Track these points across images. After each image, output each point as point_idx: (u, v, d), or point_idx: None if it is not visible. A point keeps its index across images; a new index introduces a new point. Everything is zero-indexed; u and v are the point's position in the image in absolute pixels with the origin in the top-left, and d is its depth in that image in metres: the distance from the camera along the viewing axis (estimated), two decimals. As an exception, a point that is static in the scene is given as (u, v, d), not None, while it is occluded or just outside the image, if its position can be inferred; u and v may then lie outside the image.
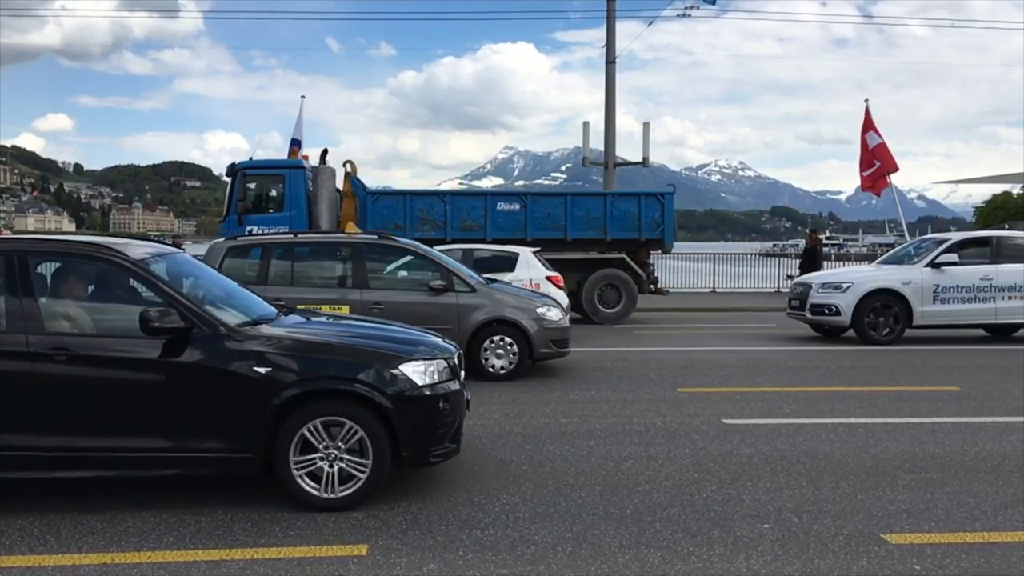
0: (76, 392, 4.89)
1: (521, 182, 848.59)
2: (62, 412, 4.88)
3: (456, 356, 5.67)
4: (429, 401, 5.16)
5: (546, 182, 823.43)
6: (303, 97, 22.73)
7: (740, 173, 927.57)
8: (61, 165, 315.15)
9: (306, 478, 4.98)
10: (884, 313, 13.19)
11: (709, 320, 18.05)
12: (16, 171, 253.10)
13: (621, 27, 33.19)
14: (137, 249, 5.38)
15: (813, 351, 12.59)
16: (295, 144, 22.33)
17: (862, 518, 4.92)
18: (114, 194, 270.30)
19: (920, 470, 5.94)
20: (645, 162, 23.27)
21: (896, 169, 22.03)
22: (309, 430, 4.96)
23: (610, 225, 17.06)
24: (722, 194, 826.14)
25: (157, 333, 4.87)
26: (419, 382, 5.14)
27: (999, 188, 39.90)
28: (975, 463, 6.13)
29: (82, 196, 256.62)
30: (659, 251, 18.03)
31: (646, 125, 24.21)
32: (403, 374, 5.11)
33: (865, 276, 13.88)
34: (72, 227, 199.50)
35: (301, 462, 4.97)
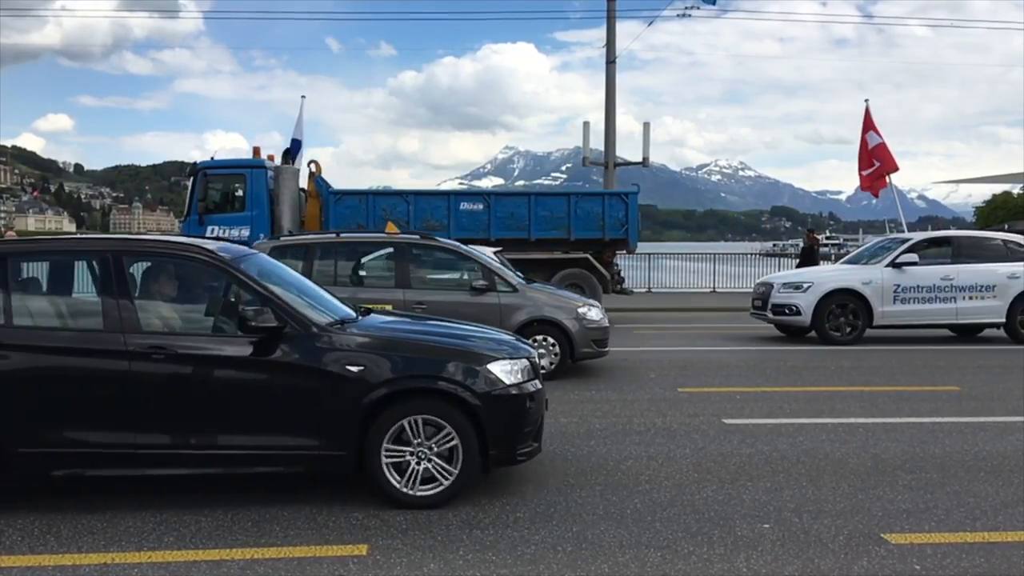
0: (173, 390, 4.96)
1: (521, 182, 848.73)
2: (160, 410, 4.95)
3: (536, 356, 5.73)
4: (516, 400, 5.22)
5: (546, 182, 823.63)
6: (303, 97, 22.68)
7: (740, 173, 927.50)
8: (61, 165, 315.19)
9: (397, 475, 5.03)
10: (844, 313, 13.17)
11: (709, 320, 18.05)
12: (16, 171, 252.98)
13: (621, 27, 33.20)
14: (226, 248, 5.48)
15: (813, 351, 12.59)
16: (295, 144, 22.30)
17: (862, 518, 4.92)
18: (114, 194, 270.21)
19: (920, 470, 5.94)
20: (645, 162, 23.25)
21: (896, 169, 22.00)
22: (400, 428, 5.02)
23: (574, 225, 17.05)
24: (722, 194, 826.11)
25: (254, 332, 4.93)
26: (507, 381, 5.20)
27: (999, 188, 39.92)
28: (975, 463, 6.13)
29: (82, 196, 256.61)
30: (624, 251, 18.05)
31: (646, 125, 24.19)
32: (492, 373, 5.17)
33: (826, 276, 13.87)
34: (72, 227, 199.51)
35: (392, 459, 5.03)
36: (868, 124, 22.05)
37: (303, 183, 17.50)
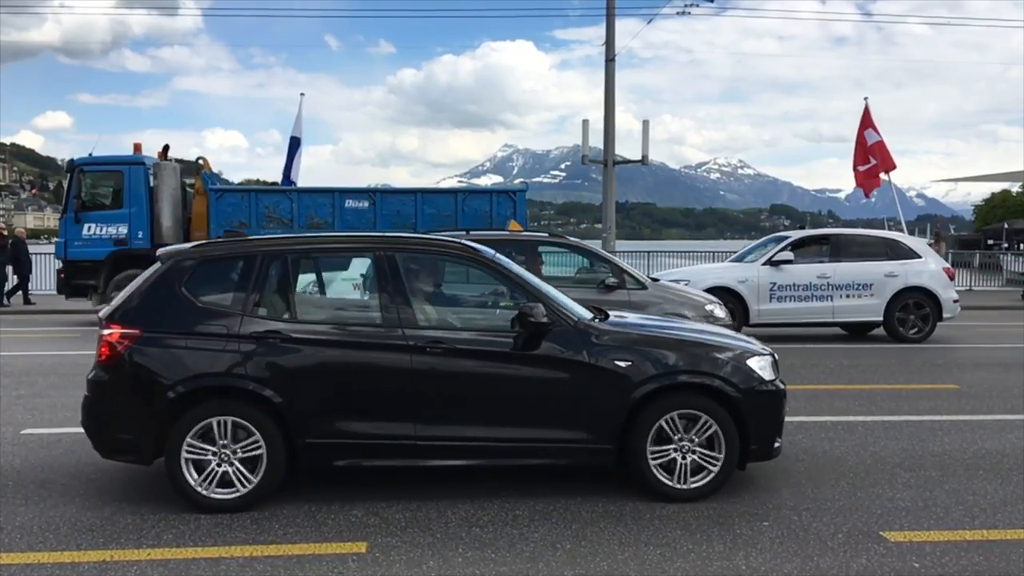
0: (451, 383, 5.09)
1: (520, 180, 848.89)
2: (438, 403, 5.06)
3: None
4: (775, 395, 5.34)
5: (545, 180, 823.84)
6: (302, 95, 22.64)
7: (739, 171, 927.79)
8: (60, 163, 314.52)
9: (660, 470, 5.13)
10: None
11: (708, 318, 18.03)
12: (15, 169, 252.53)
13: (620, 25, 33.22)
14: (481, 247, 5.64)
15: (811, 349, 12.60)
16: (295, 142, 22.22)
17: (861, 516, 4.92)
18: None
19: (919, 468, 5.94)
20: (644, 160, 23.21)
21: (894, 167, 22.01)
22: (665, 422, 5.11)
23: (461, 223, 16.74)
24: (721, 192, 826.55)
25: (529, 327, 5.05)
26: (766, 377, 5.30)
27: (998, 186, 39.97)
28: (974, 461, 6.13)
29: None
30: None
31: (645, 123, 24.14)
32: (752, 369, 5.27)
33: (704, 274, 13.82)
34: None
35: (656, 454, 5.13)
36: (867, 121, 22.05)
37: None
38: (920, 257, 13.42)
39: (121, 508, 5.01)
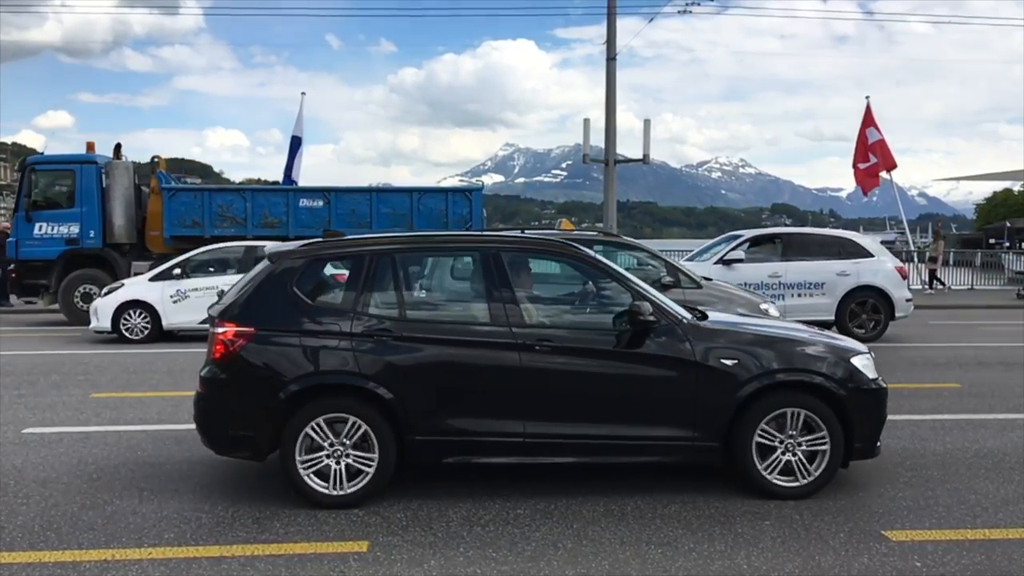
0: (559, 381, 5.12)
1: (521, 179, 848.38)
2: (546, 400, 5.11)
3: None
4: (879, 393, 5.37)
5: (546, 179, 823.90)
6: (303, 94, 22.71)
7: (741, 170, 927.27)
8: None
9: (765, 467, 5.16)
10: None
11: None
12: (16, 168, 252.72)
13: (622, 23, 33.17)
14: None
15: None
16: (296, 141, 22.23)
17: (863, 515, 4.92)
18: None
19: (921, 467, 5.94)
20: (645, 159, 23.20)
21: (894, 166, 22.04)
22: (770, 420, 5.15)
23: (417, 222, 16.80)
24: (723, 191, 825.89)
25: (640, 325, 5.06)
26: (869, 375, 5.32)
27: (1000, 185, 39.95)
28: (976, 460, 6.13)
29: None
30: None
31: (647, 122, 24.12)
32: (856, 367, 5.29)
33: None
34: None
35: (760, 451, 5.16)
36: (868, 120, 22.07)
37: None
38: (873, 256, 13.37)
39: (122, 507, 5.01)
